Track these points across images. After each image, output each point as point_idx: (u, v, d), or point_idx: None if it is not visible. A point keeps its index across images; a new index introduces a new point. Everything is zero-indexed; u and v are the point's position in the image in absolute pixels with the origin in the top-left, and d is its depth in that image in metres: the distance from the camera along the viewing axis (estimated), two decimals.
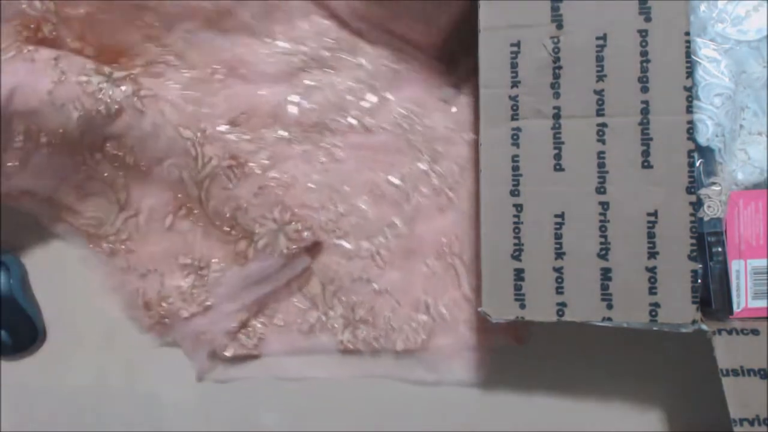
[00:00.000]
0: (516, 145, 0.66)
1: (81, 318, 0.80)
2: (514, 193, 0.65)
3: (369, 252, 0.77)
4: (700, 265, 0.62)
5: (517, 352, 0.76)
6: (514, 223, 0.65)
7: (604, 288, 0.63)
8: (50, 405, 0.80)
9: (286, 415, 0.79)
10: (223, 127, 0.78)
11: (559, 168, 0.64)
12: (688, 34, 0.61)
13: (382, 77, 0.78)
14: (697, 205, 0.62)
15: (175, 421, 0.79)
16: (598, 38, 0.64)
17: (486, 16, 0.66)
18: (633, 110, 0.62)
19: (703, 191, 0.64)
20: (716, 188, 0.64)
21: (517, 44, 0.65)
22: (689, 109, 0.60)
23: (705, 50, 0.64)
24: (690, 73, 0.61)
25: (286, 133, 0.78)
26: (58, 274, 0.80)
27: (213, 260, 0.76)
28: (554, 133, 0.65)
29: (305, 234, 0.73)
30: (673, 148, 0.61)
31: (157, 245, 0.78)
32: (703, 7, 0.65)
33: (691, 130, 0.60)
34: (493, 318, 0.65)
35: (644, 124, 0.62)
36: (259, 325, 0.77)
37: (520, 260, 0.65)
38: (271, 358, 0.78)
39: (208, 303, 0.75)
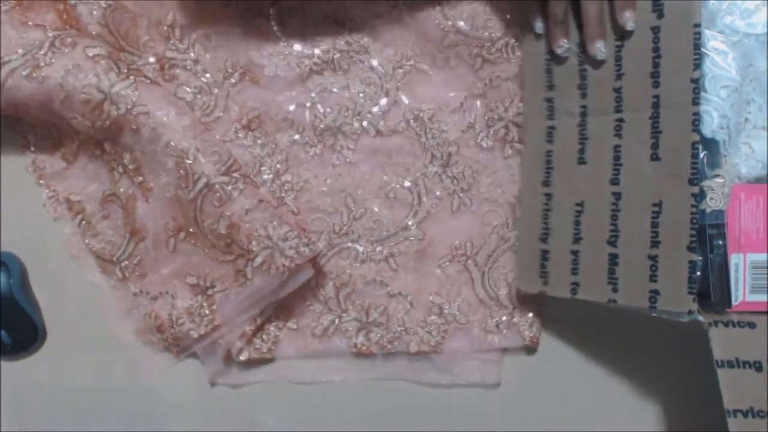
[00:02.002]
0: (550, 141, 0.72)
1: (81, 318, 0.79)
2: (546, 183, 0.71)
3: (382, 255, 0.77)
4: (700, 257, 0.64)
5: (531, 353, 0.77)
6: (544, 209, 0.72)
7: (611, 272, 0.66)
8: (50, 405, 0.79)
9: (289, 415, 0.79)
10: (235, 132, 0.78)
11: (582, 161, 0.69)
12: (698, 25, 0.62)
13: (395, 79, 0.78)
14: (700, 196, 0.63)
15: (175, 421, 0.79)
16: (616, 39, 0.67)
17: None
18: (645, 105, 0.65)
19: (706, 183, 0.65)
20: (719, 180, 0.65)
21: (551, 51, 0.71)
22: (696, 101, 0.62)
23: (713, 42, 0.65)
24: (698, 64, 0.62)
25: (299, 137, 0.78)
26: (58, 274, 0.79)
27: (217, 280, 0.75)
28: (580, 130, 0.69)
29: (304, 250, 0.72)
30: (679, 140, 0.63)
31: (166, 267, 0.77)
32: None
33: (696, 121, 0.62)
34: (522, 290, 0.74)
35: (654, 118, 0.64)
36: (273, 329, 0.77)
37: (546, 242, 0.71)
38: (284, 362, 0.78)
39: (216, 323, 0.75)
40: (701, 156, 0.64)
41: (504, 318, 0.76)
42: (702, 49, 0.63)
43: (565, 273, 0.70)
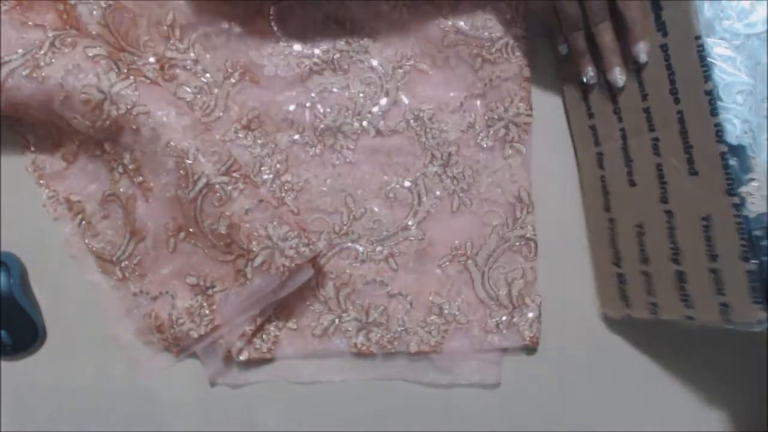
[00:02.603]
0: (601, 167, 0.74)
1: (81, 318, 0.79)
2: (607, 208, 0.73)
3: (382, 255, 0.77)
4: (755, 263, 0.63)
5: (531, 353, 0.77)
6: (610, 234, 0.74)
7: (682, 289, 0.67)
8: (50, 405, 0.79)
9: (289, 415, 0.79)
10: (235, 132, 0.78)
11: (632, 183, 0.71)
12: (699, 38, 0.63)
13: (395, 79, 0.78)
14: (741, 205, 0.63)
15: (175, 421, 0.79)
16: (633, 62, 0.69)
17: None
18: (672, 121, 0.65)
19: (743, 189, 0.64)
20: (755, 184, 0.64)
21: (584, 82, 0.74)
22: (714, 112, 0.62)
23: (717, 49, 0.65)
24: (708, 76, 0.62)
25: (299, 137, 0.78)
26: (58, 274, 0.79)
27: (217, 280, 0.75)
28: (624, 153, 0.71)
29: (304, 250, 0.72)
30: (709, 153, 0.63)
31: (166, 267, 0.77)
32: (707, 6, 0.65)
33: (720, 132, 0.62)
34: (610, 315, 0.75)
35: (684, 133, 0.64)
36: (273, 329, 0.77)
37: (620, 266, 0.74)
38: (284, 362, 0.78)
39: (216, 323, 0.75)
40: (732, 163, 0.63)
41: (504, 318, 0.76)
42: (708, 60, 0.63)
43: (642, 294, 0.71)
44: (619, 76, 0.69)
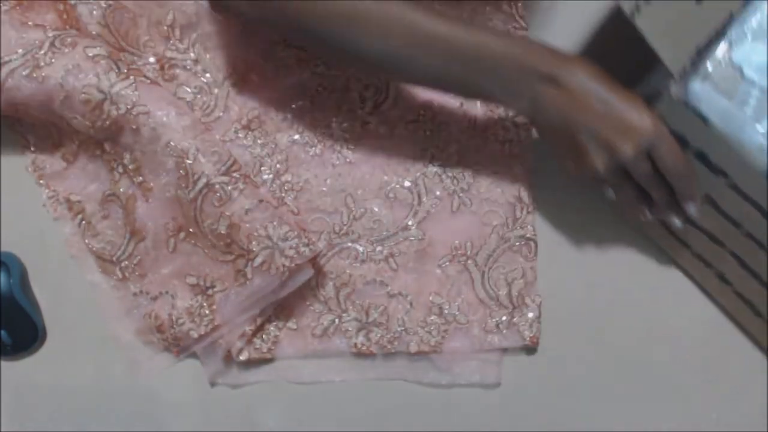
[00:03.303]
0: (727, 283, 0.73)
1: (81, 318, 0.79)
2: (758, 314, 0.72)
3: (382, 255, 0.77)
4: None
5: (531, 353, 0.77)
6: None
7: None
8: (50, 405, 0.79)
9: (289, 415, 0.78)
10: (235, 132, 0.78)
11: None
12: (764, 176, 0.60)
13: None
14: None
15: (175, 421, 0.79)
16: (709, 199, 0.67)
17: None
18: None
19: None
20: None
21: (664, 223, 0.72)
22: None
23: None
24: None
25: (299, 137, 0.78)
26: (58, 274, 0.79)
27: (217, 280, 0.75)
28: (747, 270, 0.69)
29: (304, 250, 0.72)
30: None
31: (166, 267, 0.77)
32: (749, 131, 0.60)
33: None
34: None
35: None
36: (273, 329, 0.76)
37: None
38: (284, 362, 0.77)
39: (216, 323, 0.75)
40: None
41: (504, 318, 0.76)
42: None
43: None
44: (678, 222, 0.69)
